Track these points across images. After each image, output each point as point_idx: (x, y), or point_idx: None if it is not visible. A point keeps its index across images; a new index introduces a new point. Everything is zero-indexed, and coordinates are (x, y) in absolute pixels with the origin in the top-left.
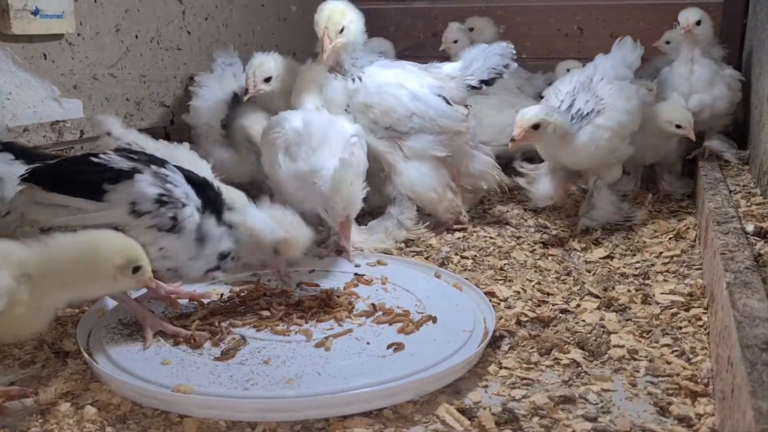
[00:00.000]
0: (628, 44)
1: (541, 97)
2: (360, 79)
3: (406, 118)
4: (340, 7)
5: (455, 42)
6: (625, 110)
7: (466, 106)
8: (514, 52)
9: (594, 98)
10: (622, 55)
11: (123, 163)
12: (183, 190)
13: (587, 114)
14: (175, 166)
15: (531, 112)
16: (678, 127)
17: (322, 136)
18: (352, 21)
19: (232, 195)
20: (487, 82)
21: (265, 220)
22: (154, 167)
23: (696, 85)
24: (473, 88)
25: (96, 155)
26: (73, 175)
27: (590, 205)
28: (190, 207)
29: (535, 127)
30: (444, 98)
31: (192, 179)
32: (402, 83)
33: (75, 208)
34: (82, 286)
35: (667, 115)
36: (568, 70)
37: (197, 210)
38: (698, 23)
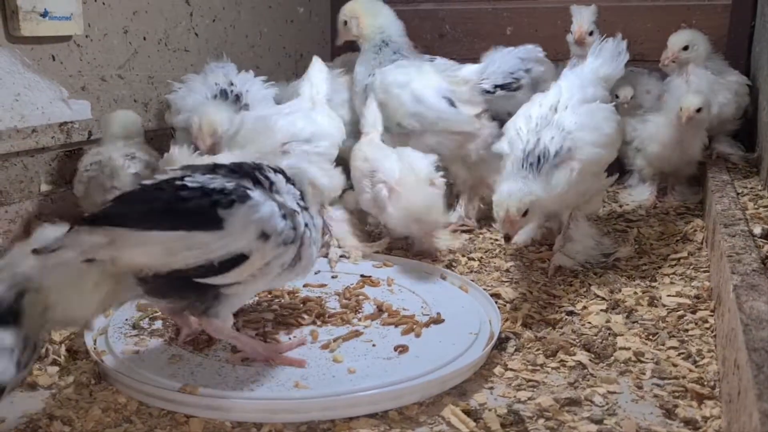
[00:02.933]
0: (607, 50)
1: None
2: (375, 75)
3: (407, 117)
4: (350, 6)
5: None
6: (595, 143)
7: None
8: (542, 54)
9: (560, 133)
10: (593, 69)
11: (222, 182)
12: (288, 196)
13: (556, 153)
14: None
15: (514, 201)
16: (681, 109)
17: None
18: (356, 17)
19: None
20: (503, 87)
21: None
22: (257, 173)
23: None
24: (487, 92)
25: (181, 180)
26: (176, 204)
27: (566, 238)
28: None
29: (525, 213)
30: (449, 100)
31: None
32: (407, 83)
33: (196, 242)
34: None
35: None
36: None
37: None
38: (685, 48)
